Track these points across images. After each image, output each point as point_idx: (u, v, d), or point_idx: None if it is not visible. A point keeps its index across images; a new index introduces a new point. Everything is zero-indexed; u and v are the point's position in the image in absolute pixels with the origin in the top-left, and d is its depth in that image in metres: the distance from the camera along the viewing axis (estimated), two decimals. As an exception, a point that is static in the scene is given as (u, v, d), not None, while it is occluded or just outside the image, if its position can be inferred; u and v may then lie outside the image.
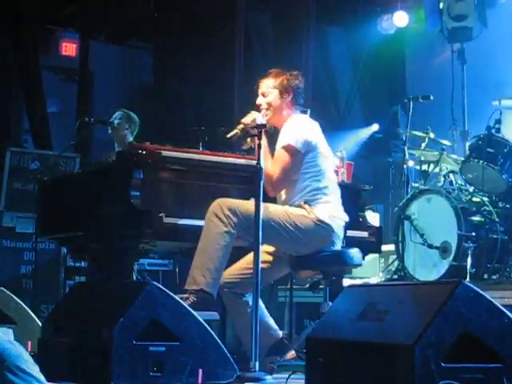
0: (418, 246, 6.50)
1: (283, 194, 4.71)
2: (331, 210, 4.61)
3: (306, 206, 4.58)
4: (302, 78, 4.86)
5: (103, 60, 11.65)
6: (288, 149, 4.59)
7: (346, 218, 4.74)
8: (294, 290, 6.33)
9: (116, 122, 6.91)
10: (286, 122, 4.72)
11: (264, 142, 4.46)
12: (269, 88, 4.79)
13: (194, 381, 3.83)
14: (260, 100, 4.80)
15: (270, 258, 4.71)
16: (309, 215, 4.55)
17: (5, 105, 10.60)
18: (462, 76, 8.45)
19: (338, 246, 4.68)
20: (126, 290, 4.09)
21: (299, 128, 4.65)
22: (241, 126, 4.60)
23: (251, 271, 4.05)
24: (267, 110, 4.75)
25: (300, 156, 4.60)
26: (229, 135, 4.65)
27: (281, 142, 4.65)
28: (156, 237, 4.59)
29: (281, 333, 4.76)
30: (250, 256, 4.23)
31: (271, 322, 4.75)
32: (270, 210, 4.44)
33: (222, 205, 4.45)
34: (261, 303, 4.68)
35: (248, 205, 4.44)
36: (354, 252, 4.70)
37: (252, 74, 9.93)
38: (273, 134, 4.77)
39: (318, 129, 4.80)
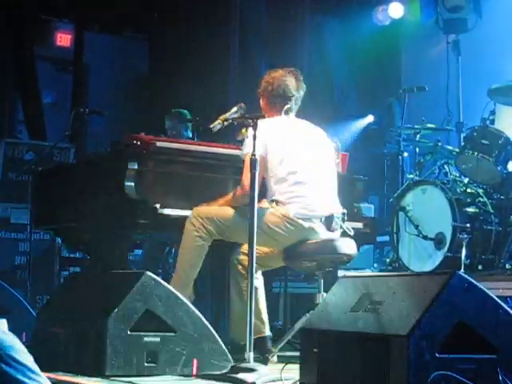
0: (412, 237, 6.50)
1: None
2: (300, 207, 4.61)
3: (274, 205, 4.62)
4: (273, 74, 4.90)
5: (98, 51, 11.61)
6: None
7: (331, 211, 4.69)
8: (288, 281, 6.34)
9: None
10: None
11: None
12: None
13: (189, 371, 3.84)
14: None
15: (265, 249, 4.71)
16: (276, 213, 4.58)
17: (-1, 95, 10.56)
18: (457, 67, 8.44)
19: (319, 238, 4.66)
20: (121, 280, 4.09)
21: (259, 132, 4.56)
22: (223, 117, 4.61)
23: (257, 252, 4.14)
24: None
25: (261, 159, 4.52)
26: (211, 125, 4.65)
27: None
28: (151, 227, 4.60)
29: (268, 333, 4.73)
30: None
31: (264, 315, 4.74)
32: (242, 211, 4.46)
33: (197, 213, 4.55)
34: (263, 293, 4.71)
35: (223, 210, 4.59)
36: (346, 241, 4.68)
37: (247, 66, 9.93)
38: None
39: (287, 126, 4.80)
